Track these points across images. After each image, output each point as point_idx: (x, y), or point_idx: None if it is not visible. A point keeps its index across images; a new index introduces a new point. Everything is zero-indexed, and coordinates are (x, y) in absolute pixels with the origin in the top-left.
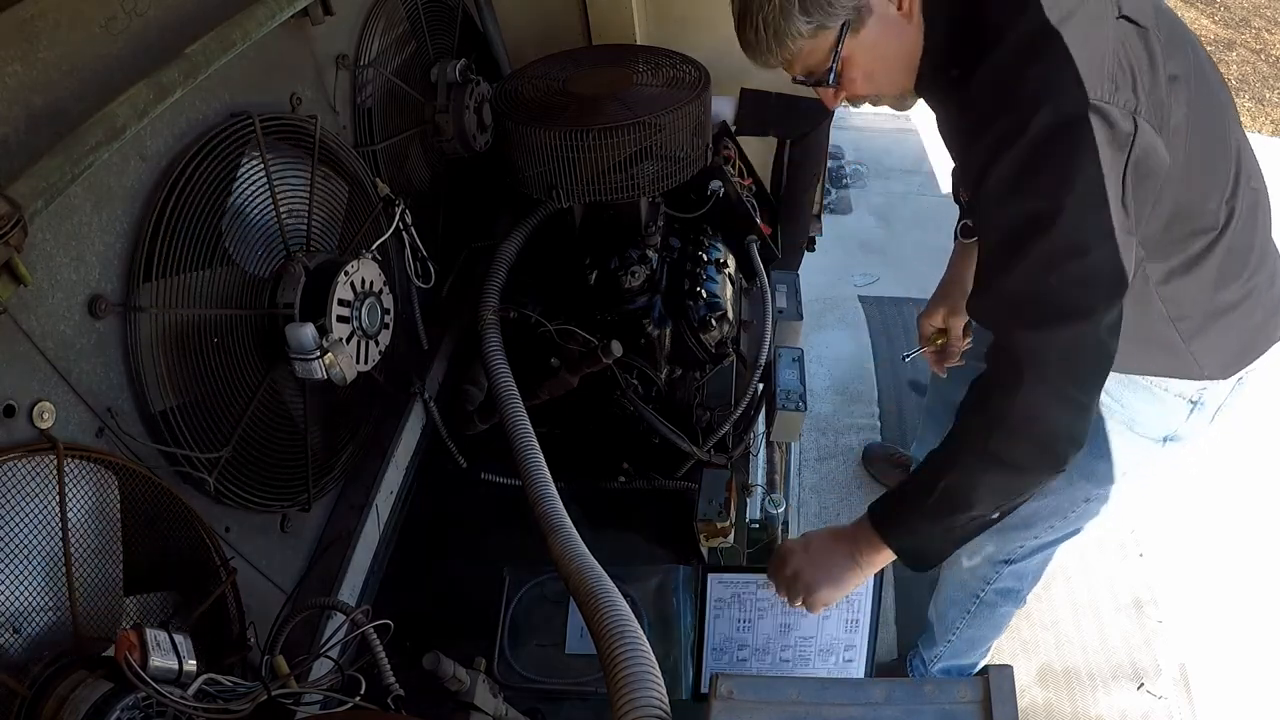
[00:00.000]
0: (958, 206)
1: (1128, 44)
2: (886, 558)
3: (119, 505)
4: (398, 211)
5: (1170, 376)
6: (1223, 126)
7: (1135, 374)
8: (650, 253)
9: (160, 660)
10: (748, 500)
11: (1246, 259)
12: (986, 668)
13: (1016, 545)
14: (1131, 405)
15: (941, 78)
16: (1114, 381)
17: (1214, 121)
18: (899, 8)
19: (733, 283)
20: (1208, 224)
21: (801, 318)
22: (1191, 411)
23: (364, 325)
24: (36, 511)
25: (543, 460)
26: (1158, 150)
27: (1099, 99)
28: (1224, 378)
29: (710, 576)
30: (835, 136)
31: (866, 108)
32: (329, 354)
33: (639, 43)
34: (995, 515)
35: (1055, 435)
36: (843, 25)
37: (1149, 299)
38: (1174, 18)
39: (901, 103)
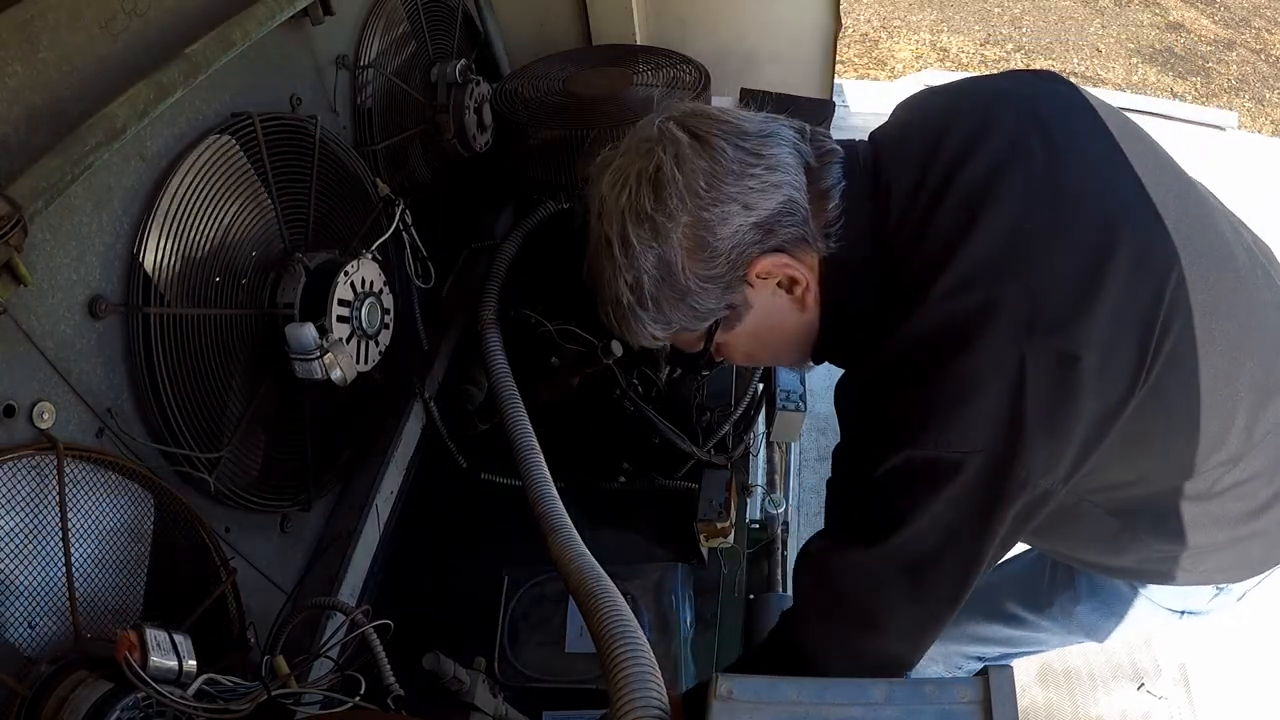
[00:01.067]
0: None
1: (1035, 383)
2: None
3: (120, 506)
4: (398, 211)
5: (1181, 585)
6: (1225, 377)
7: (1142, 583)
8: None
9: (160, 660)
10: (748, 500)
11: (1233, 499)
12: (986, 668)
13: (995, 653)
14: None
15: (837, 353)
16: None
17: (1209, 384)
18: (789, 293)
19: None
20: (1184, 491)
21: None
22: (1216, 595)
23: (364, 325)
24: (36, 511)
25: (543, 460)
26: (1042, 494)
27: (959, 448)
28: (1244, 580)
29: (546, 714)
30: (835, 136)
31: (865, 105)
32: (329, 354)
33: (639, 43)
34: None
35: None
36: (712, 324)
37: (1136, 545)
38: (1174, 247)
39: (799, 367)
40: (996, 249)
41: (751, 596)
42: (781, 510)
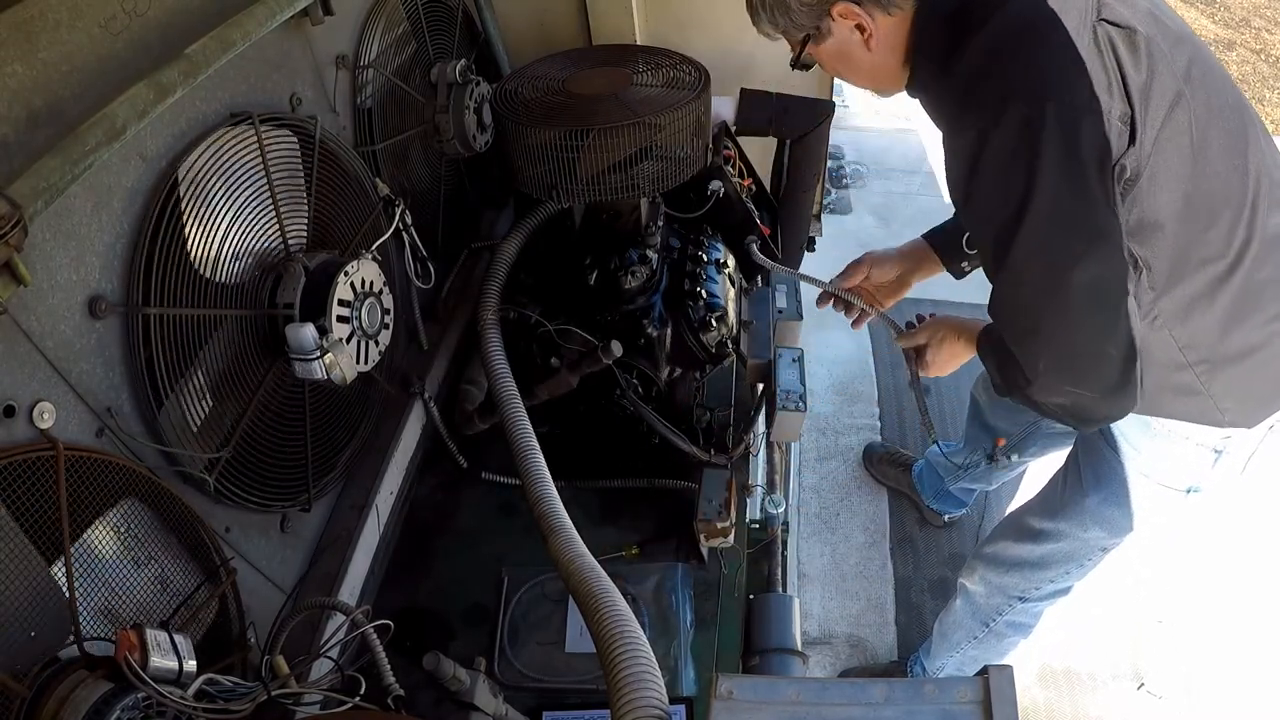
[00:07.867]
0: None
1: (1110, 45)
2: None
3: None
4: (398, 211)
5: (1193, 422)
6: (1237, 147)
7: (1155, 417)
8: (650, 253)
9: (160, 660)
10: (748, 500)
11: (1261, 296)
12: (986, 667)
13: (1033, 586)
14: (1148, 452)
15: (928, 80)
16: (1131, 426)
17: (1223, 140)
18: (861, 35)
19: (733, 283)
20: (1214, 253)
21: (801, 318)
22: (1217, 461)
23: (364, 325)
24: (36, 510)
25: (543, 460)
26: (1130, 154)
27: (1069, 100)
28: (1250, 425)
29: (545, 714)
30: (835, 136)
31: (865, 104)
32: (329, 354)
33: (639, 43)
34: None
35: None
36: (804, 36)
37: (1159, 337)
38: (1180, 36)
39: (883, 93)
40: None
41: (751, 596)
42: (781, 510)
